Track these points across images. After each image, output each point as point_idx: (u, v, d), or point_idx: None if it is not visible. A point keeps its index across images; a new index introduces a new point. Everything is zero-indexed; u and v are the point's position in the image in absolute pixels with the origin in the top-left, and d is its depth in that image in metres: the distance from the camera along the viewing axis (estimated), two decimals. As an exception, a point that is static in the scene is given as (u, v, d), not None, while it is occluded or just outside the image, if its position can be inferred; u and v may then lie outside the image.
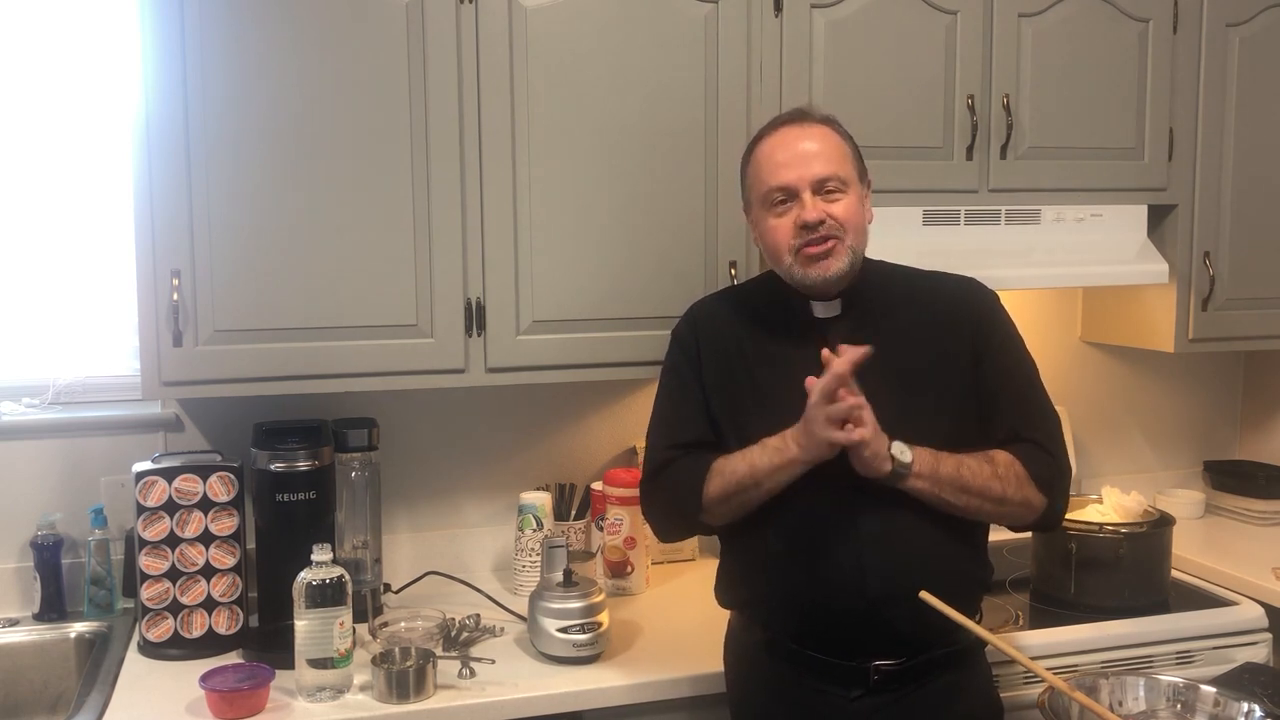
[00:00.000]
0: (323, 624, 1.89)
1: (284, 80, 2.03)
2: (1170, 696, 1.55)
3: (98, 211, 2.38)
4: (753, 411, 1.82)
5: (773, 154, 1.79)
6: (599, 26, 2.18)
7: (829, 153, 1.77)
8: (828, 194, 1.76)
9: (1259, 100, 2.63)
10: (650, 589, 2.48)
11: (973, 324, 1.84)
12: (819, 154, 1.76)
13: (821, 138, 1.79)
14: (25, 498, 2.32)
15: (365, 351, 2.11)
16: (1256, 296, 2.69)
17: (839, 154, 1.79)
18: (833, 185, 1.76)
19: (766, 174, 1.79)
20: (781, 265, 1.80)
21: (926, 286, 1.89)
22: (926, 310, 1.85)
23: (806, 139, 1.78)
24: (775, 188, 1.77)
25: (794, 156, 1.77)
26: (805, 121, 1.81)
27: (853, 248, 1.77)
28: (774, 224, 1.79)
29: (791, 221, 1.76)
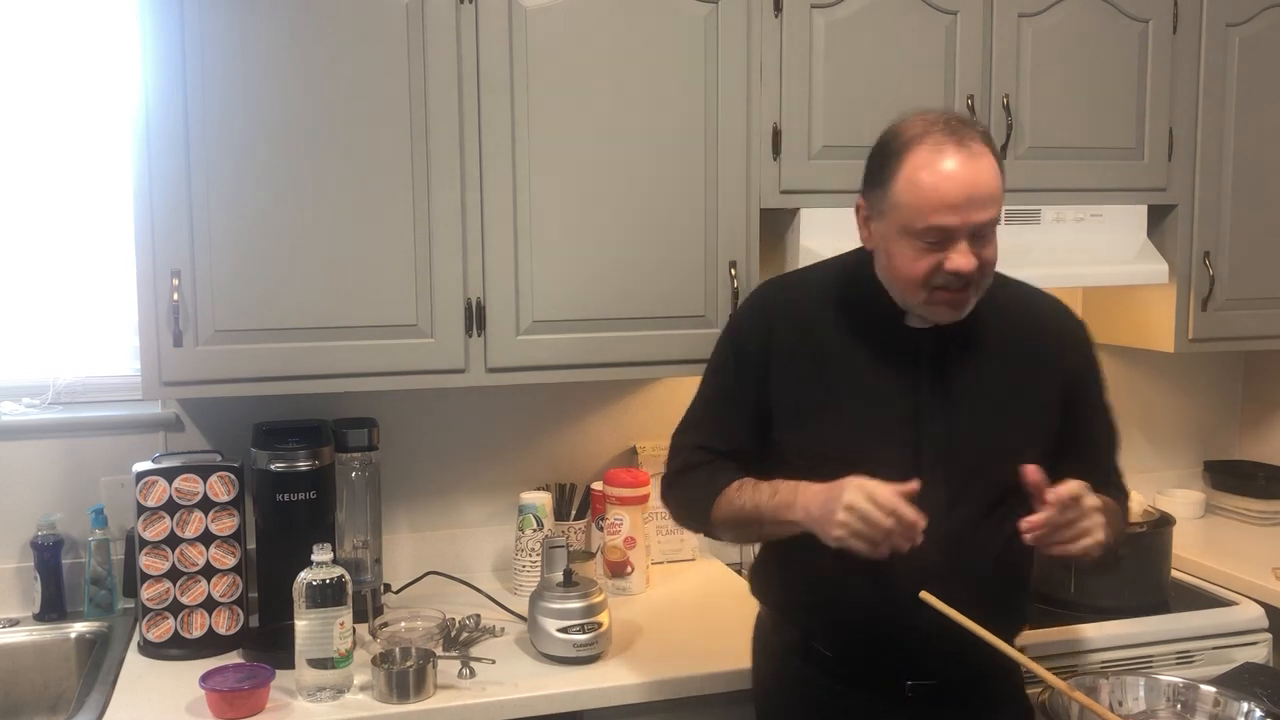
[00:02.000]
0: (323, 624, 1.89)
1: (284, 80, 2.03)
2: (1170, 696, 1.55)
3: (98, 211, 2.37)
4: (820, 414, 1.71)
5: (938, 185, 1.54)
6: (599, 26, 2.18)
7: (996, 192, 1.56)
8: (982, 238, 1.58)
9: (1259, 100, 2.63)
10: (650, 589, 2.48)
11: (1072, 363, 1.76)
12: (989, 196, 1.55)
13: (990, 171, 1.56)
14: (25, 498, 2.32)
15: (365, 351, 2.11)
16: (1256, 296, 2.69)
17: (1001, 189, 1.58)
18: (989, 228, 1.58)
19: (925, 207, 1.55)
20: (905, 295, 1.64)
21: (1024, 306, 1.77)
22: (1024, 335, 1.73)
23: (978, 173, 1.54)
24: (933, 227, 1.55)
25: (964, 196, 1.53)
26: (973, 143, 1.56)
27: (984, 289, 1.64)
28: (912, 256, 1.59)
29: (936, 262, 1.57)
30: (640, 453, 2.62)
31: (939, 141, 1.55)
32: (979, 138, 1.57)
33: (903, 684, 1.71)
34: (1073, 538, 1.54)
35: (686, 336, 2.29)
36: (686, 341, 2.29)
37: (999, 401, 1.70)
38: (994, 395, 1.70)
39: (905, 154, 1.57)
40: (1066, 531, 1.54)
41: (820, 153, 2.33)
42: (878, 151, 1.64)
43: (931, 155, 1.55)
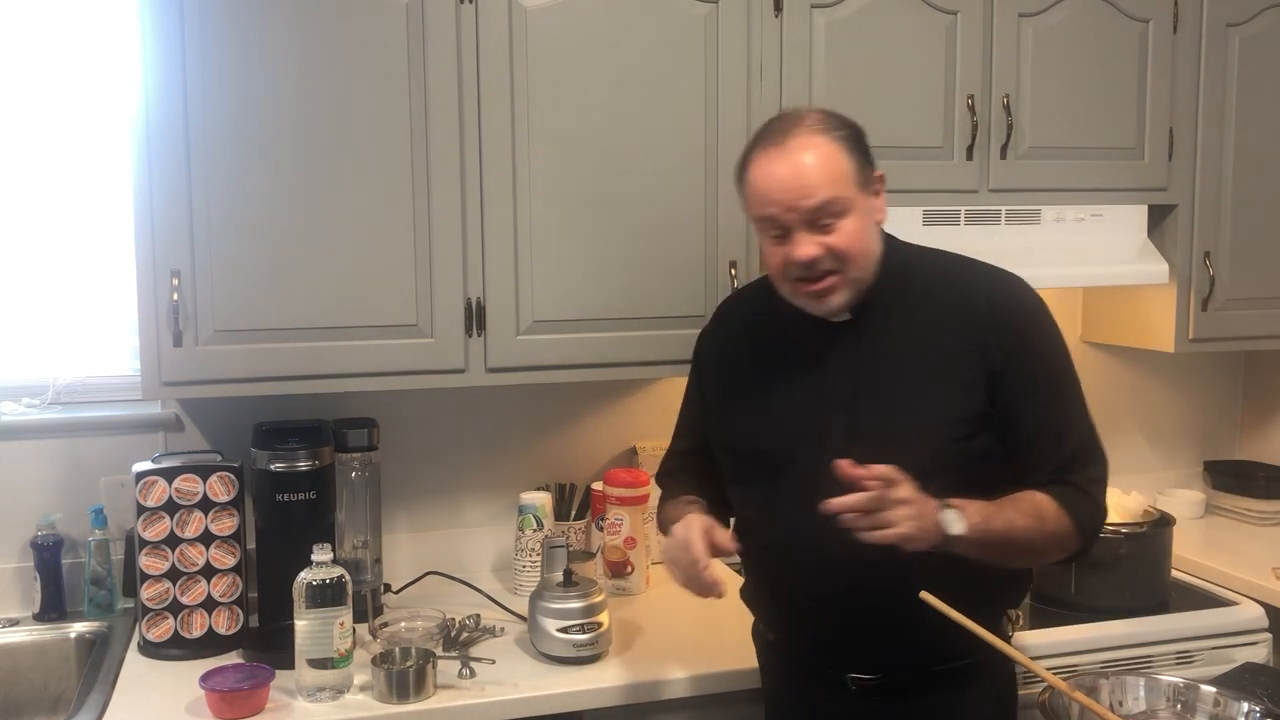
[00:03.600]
0: (323, 624, 1.88)
1: (284, 80, 2.03)
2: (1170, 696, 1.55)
3: (98, 211, 2.38)
4: (736, 411, 1.79)
5: (759, 180, 1.63)
6: (599, 26, 2.18)
7: (819, 178, 1.59)
8: (822, 226, 1.60)
9: (1259, 100, 2.63)
10: (650, 589, 2.48)
11: (999, 343, 1.65)
12: (808, 183, 1.59)
13: (811, 159, 1.59)
14: (25, 498, 2.32)
15: (365, 351, 2.11)
16: (1256, 296, 2.69)
17: (832, 174, 1.60)
18: (827, 215, 1.60)
19: (754, 202, 1.65)
20: (780, 290, 1.70)
21: (956, 286, 1.71)
22: (944, 318, 1.69)
23: (793, 164, 1.59)
24: (764, 219, 1.64)
25: (780, 187, 1.60)
26: (790, 137, 1.61)
27: (856, 278, 1.64)
28: (770, 250, 1.67)
29: (784, 255, 1.63)
30: (640, 453, 2.62)
31: (763, 142, 1.65)
32: (808, 128, 1.62)
33: (845, 677, 1.73)
34: (871, 525, 1.49)
35: (687, 336, 2.27)
36: (687, 341, 2.27)
37: (909, 387, 1.67)
38: (904, 382, 1.67)
39: (746, 157, 1.68)
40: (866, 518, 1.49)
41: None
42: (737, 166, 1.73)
43: (754, 158, 1.65)
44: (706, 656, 2.07)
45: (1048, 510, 1.62)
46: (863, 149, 1.67)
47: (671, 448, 1.99)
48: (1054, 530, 1.63)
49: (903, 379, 1.68)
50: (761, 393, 1.77)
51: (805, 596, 1.72)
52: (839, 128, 1.65)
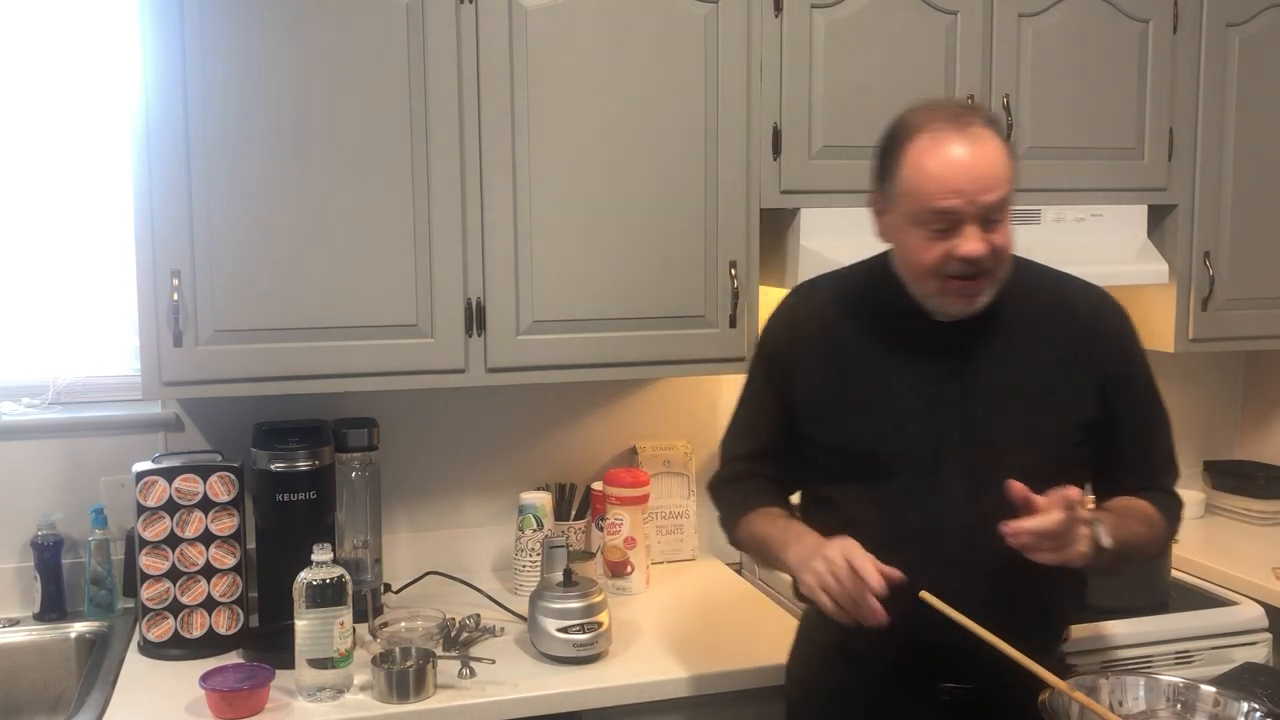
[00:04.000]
0: (323, 624, 1.89)
1: (284, 80, 2.03)
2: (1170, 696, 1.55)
3: (98, 211, 2.38)
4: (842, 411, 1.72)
5: (940, 170, 1.54)
6: (599, 26, 2.18)
7: (1001, 174, 1.55)
8: (991, 223, 1.56)
9: (1259, 100, 2.63)
10: (650, 589, 2.48)
11: (1107, 353, 1.70)
12: (996, 175, 1.54)
13: (995, 154, 1.55)
14: (25, 498, 2.32)
15: (365, 351, 2.11)
16: (1256, 296, 2.69)
17: (1008, 171, 1.56)
18: (999, 212, 1.56)
19: (929, 192, 1.55)
20: (919, 286, 1.64)
21: (1057, 294, 1.73)
22: (1054, 325, 1.70)
23: (980, 155, 1.54)
24: (938, 211, 1.55)
25: (967, 179, 1.53)
26: (969, 125, 1.56)
27: (998, 281, 1.62)
28: (921, 245, 1.59)
29: (946, 250, 1.57)
30: (640, 453, 2.63)
31: (939, 128, 1.56)
32: (981, 122, 1.57)
33: (938, 687, 1.69)
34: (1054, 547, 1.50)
35: (686, 336, 2.29)
36: (686, 341, 2.29)
37: (1024, 393, 1.67)
38: (1018, 387, 1.67)
39: (908, 143, 1.58)
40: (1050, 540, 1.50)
41: (820, 153, 2.33)
42: (883, 143, 1.65)
43: (932, 141, 1.56)
44: (706, 656, 2.07)
45: (1154, 517, 1.69)
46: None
47: (733, 451, 1.88)
48: (1160, 535, 1.71)
49: (1020, 384, 1.68)
50: (872, 390, 1.71)
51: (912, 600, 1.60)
52: (998, 122, 1.61)
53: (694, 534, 2.67)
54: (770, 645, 2.10)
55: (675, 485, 2.64)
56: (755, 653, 2.09)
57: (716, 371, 2.37)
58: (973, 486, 1.65)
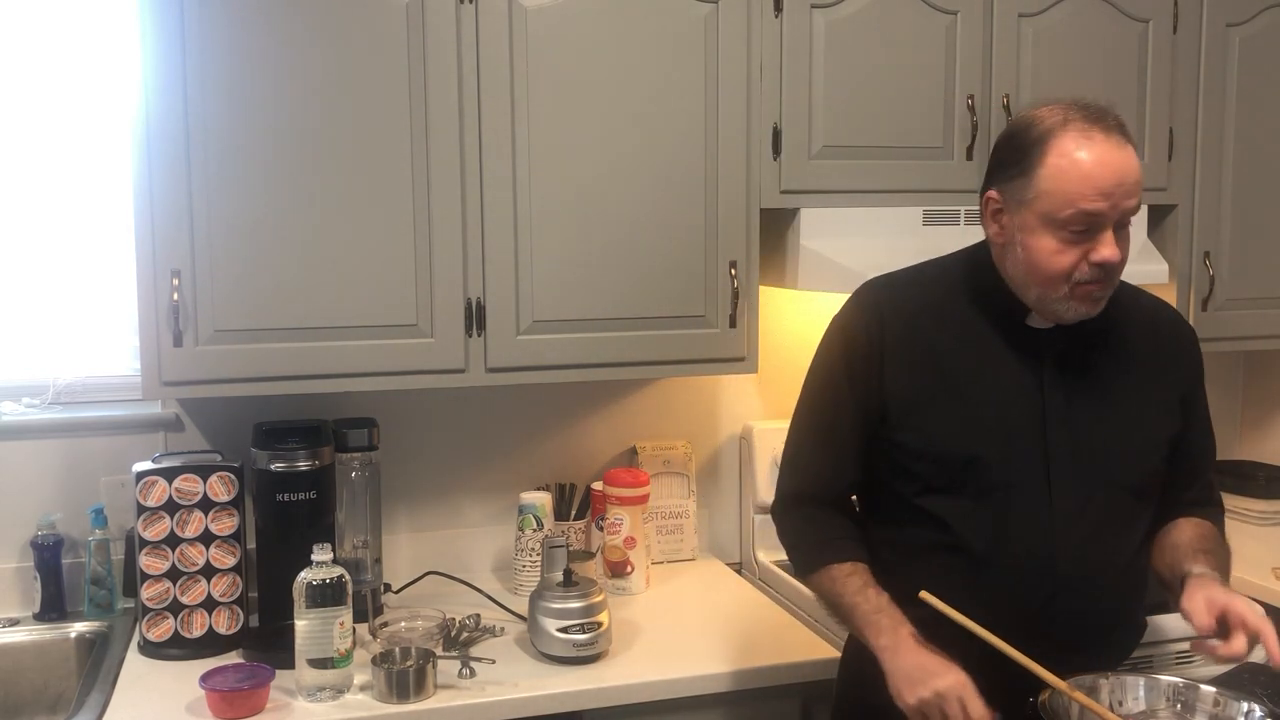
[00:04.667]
0: (323, 624, 1.88)
1: (284, 80, 2.03)
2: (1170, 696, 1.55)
3: (98, 211, 2.37)
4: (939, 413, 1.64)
5: (1091, 171, 1.49)
6: (599, 26, 2.18)
7: (1141, 180, 1.53)
8: (1122, 228, 1.54)
9: (1259, 100, 2.63)
10: (650, 589, 2.48)
11: (1187, 369, 1.74)
12: (1137, 183, 1.51)
13: (1135, 159, 1.52)
14: (25, 498, 2.32)
15: (365, 351, 2.11)
16: (1256, 296, 2.69)
17: (1141, 176, 1.54)
18: (1130, 218, 1.54)
19: (1074, 192, 1.49)
20: (1044, 290, 1.57)
21: (1141, 308, 1.74)
22: (1145, 338, 1.71)
23: (1126, 159, 1.50)
24: (1085, 213, 1.50)
25: (1114, 182, 1.49)
26: (1113, 130, 1.52)
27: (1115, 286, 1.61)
28: (1055, 248, 1.53)
29: (1082, 254, 1.52)
30: (640, 453, 2.62)
31: (1083, 128, 1.51)
32: (1117, 124, 1.53)
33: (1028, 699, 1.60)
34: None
35: (686, 336, 2.29)
36: (686, 341, 2.29)
37: (1125, 405, 1.66)
38: (1120, 399, 1.66)
39: (1049, 140, 1.52)
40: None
41: (820, 153, 2.33)
42: (1011, 141, 1.59)
43: (1078, 141, 1.50)
44: (706, 656, 2.07)
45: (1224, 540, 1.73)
46: None
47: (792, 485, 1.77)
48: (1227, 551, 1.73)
49: (1118, 396, 1.67)
50: (973, 394, 1.64)
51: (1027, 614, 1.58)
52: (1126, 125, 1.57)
53: (694, 534, 2.66)
54: (770, 645, 2.10)
55: (675, 485, 2.64)
56: (755, 653, 2.09)
57: (716, 371, 2.37)
58: (1081, 500, 1.63)
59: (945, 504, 1.64)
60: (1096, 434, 1.64)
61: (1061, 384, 1.65)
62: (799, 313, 2.61)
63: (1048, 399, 1.64)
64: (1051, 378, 1.65)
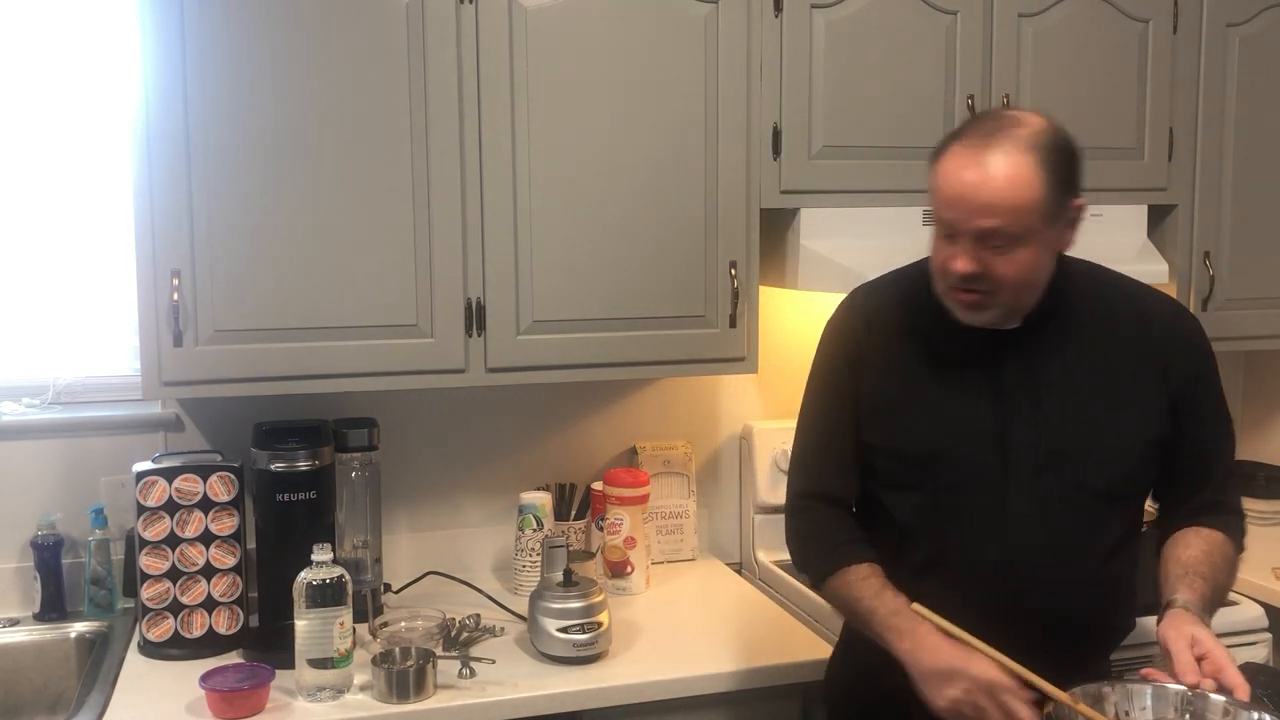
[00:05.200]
0: (323, 624, 1.88)
1: (284, 80, 2.03)
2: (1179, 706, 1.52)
3: (98, 211, 2.37)
4: (902, 415, 1.68)
5: (944, 180, 1.54)
6: (599, 26, 2.18)
7: (1006, 201, 1.48)
8: (993, 247, 1.52)
9: (1259, 100, 2.63)
10: (650, 589, 2.48)
11: (1179, 366, 1.66)
12: (992, 202, 1.49)
13: (1009, 181, 1.48)
14: (25, 498, 2.32)
15: (365, 351, 2.11)
16: (1256, 296, 2.69)
17: (1020, 201, 1.49)
18: (999, 239, 1.51)
19: (936, 198, 1.56)
20: (937, 285, 1.62)
21: (1131, 305, 1.70)
22: (1125, 337, 1.67)
23: (984, 176, 1.49)
24: (940, 219, 1.56)
25: (963, 195, 1.51)
26: (993, 143, 1.50)
27: (1007, 304, 1.58)
28: (937, 244, 1.59)
29: (947, 256, 1.56)
30: (640, 453, 2.62)
31: (961, 141, 1.55)
32: (1014, 140, 1.50)
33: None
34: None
35: (686, 336, 2.29)
36: (686, 341, 2.29)
37: (1093, 405, 1.64)
38: (1087, 399, 1.64)
39: (944, 145, 1.58)
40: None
41: (820, 153, 2.33)
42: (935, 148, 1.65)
43: (951, 151, 1.55)
44: (706, 656, 2.07)
45: (1231, 552, 1.69)
46: (1067, 177, 1.54)
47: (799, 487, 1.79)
48: (1237, 565, 1.70)
49: (1091, 397, 1.64)
50: (933, 396, 1.68)
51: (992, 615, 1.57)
52: (1050, 149, 1.52)
53: (694, 534, 2.66)
54: (770, 645, 2.10)
55: (675, 485, 2.64)
56: (755, 653, 2.09)
57: (716, 371, 2.37)
58: (1040, 502, 1.62)
59: (907, 503, 1.68)
60: (1063, 435, 1.63)
61: (1027, 385, 1.65)
62: (799, 313, 2.61)
63: (1009, 399, 1.65)
64: (1017, 378, 1.65)
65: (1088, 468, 1.62)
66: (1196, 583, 1.60)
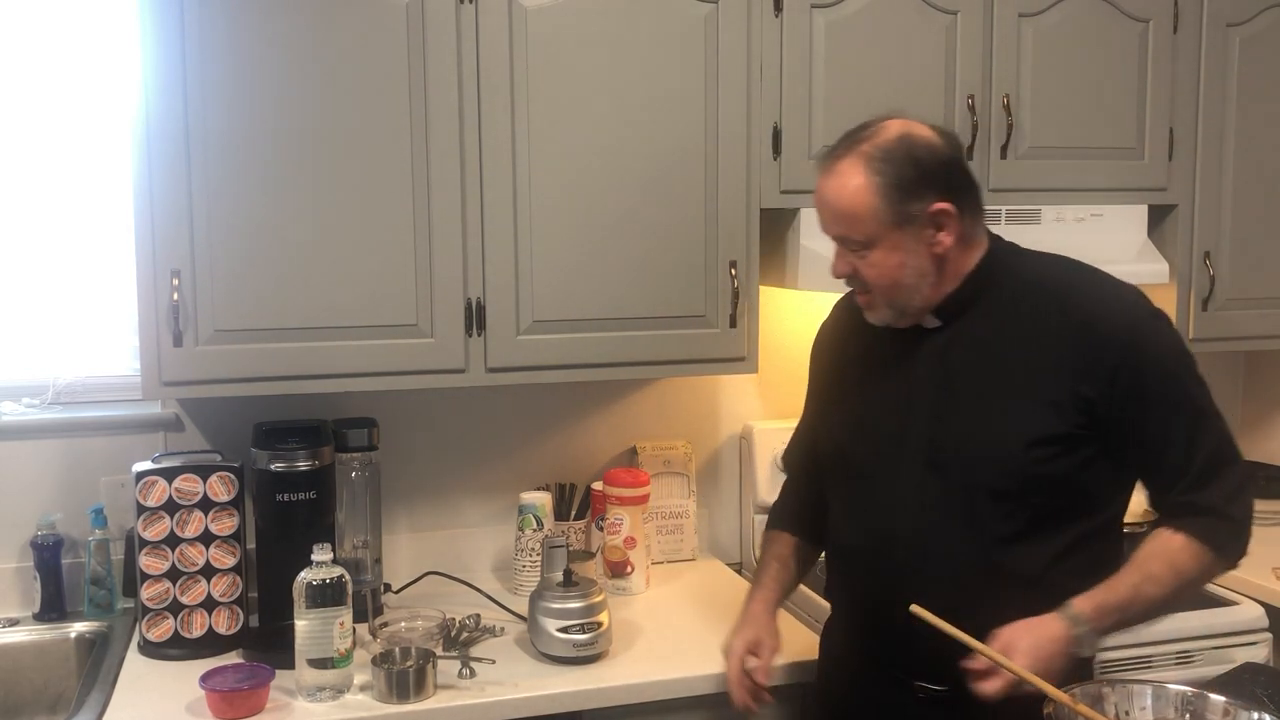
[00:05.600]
0: (323, 624, 1.88)
1: (284, 80, 2.03)
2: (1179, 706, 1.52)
3: (98, 211, 2.37)
4: (836, 417, 1.84)
5: (816, 190, 1.69)
6: (599, 26, 2.18)
7: (850, 211, 1.62)
8: (853, 251, 1.65)
9: (1259, 100, 2.63)
10: (650, 589, 2.48)
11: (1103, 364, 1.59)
12: (840, 213, 1.64)
13: (849, 192, 1.61)
14: (25, 498, 2.32)
15: (365, 351, 2.11)
16: (1256, 296, 2.69)
17: (856, 211, 1.61)
18: (851, 245, 1.65)
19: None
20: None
21: (1056, 298, 1.65)
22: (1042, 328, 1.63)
23: (829, 190, 1.65)
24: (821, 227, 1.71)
25: (819, 204, 1.68)
26: (838, 162, 1.64)
27: (891, 301, 1.66)
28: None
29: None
30: (640, 453, 2.62)
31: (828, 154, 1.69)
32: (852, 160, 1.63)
33: (912, 685, 1.71)
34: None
35: (686, 336, 2.29)
36: (686, 341, 2.29)
37: (991, 404, 1.64)
38: (987, 397, 1.64)
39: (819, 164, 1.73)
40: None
41: (820, 153, 2.32)
42: None
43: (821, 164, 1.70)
44: (707, 656, 2.06)
45: (1184, 562, 1.59)
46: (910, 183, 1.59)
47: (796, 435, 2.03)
48: (1194, 575, 1.61)
49: (986, 394, 1.65)
50: (851, 393, 1.81)
51: (878, 601, 1.70)
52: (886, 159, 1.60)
53: (694, 534, 2.66)
54: (770, 645, 2.09)
55: (675, 485, 2.64)
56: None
57: (716, 371, 2.37)
58: (930, 497, 1.66)
59: (831, 492, 1.84)
60: (952, 431, 1.66)
61: (935, 383, 1.69)
62: (799, 313, 2.61)
63: (914, 397, 1.70)
64: (928, 376, 1.69)
65: (971, 462, 1.63)
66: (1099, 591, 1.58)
